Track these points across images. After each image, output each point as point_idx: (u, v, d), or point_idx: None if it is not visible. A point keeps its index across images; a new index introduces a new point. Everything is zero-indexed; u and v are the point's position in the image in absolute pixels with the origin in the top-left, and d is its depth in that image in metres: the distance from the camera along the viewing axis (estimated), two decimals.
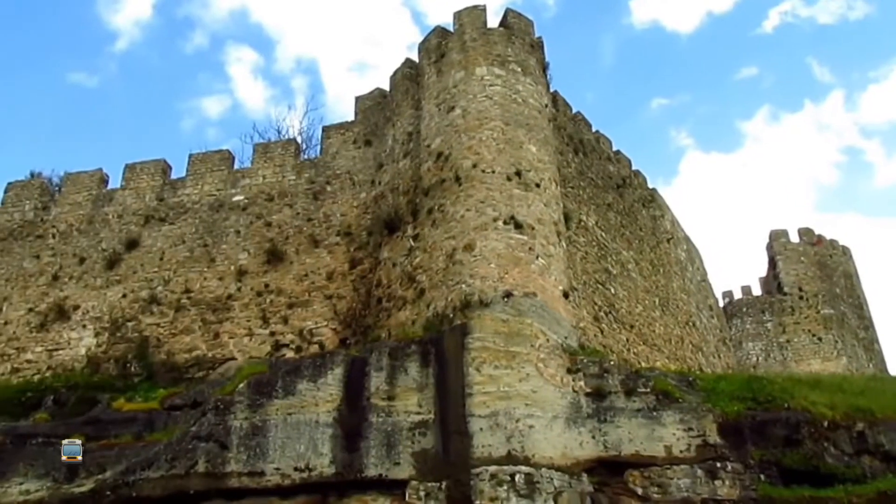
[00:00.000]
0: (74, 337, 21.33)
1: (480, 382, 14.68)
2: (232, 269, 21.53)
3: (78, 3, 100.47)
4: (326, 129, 24.18)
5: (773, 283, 43.63)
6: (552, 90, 22.82)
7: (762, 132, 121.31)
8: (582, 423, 14.55)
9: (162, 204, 23.43)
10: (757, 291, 44.07)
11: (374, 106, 23.76)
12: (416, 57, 22.51)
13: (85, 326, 21.45)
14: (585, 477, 13.94)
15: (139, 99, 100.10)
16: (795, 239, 44.20)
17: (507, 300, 15.93)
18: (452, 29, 21.31)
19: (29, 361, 21.07)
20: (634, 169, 28.21)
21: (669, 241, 28.96)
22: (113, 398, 18.08)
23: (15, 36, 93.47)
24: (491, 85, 19.73)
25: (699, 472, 13.84)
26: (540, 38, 22.03)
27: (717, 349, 30.23)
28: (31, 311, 22.03)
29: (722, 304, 39.53)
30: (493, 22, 21.27)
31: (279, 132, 34.87)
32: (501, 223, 17.33)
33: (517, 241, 17.19)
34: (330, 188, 22.43)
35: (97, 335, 21.19)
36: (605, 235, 23.63)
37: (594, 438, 14.37)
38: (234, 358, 19.81)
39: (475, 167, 18.27)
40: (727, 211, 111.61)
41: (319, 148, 24.31)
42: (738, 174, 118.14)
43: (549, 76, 22.01)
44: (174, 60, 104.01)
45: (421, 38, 22.71)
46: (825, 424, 14.58)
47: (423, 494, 13.66)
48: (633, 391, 14.88)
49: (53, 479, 14.95)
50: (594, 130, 26.46)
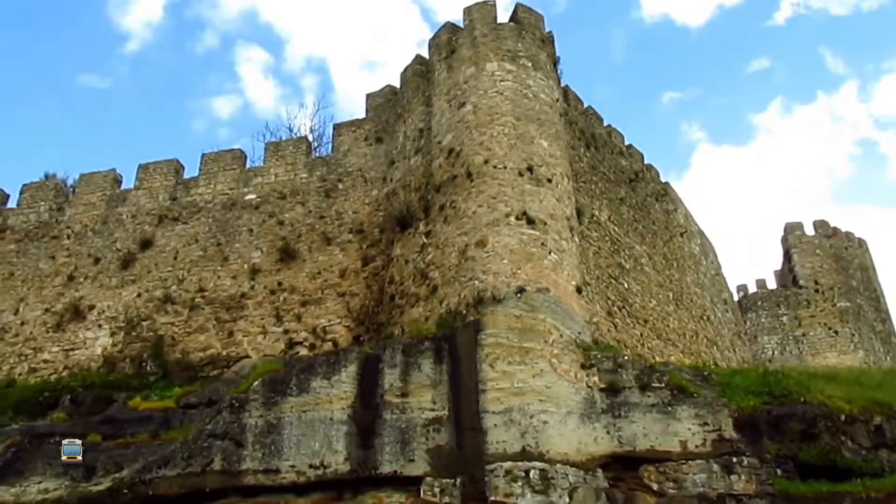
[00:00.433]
0: (90, 337, 21.50)
1: (494, 378, 14.66)
2: (245, 267, 21.62)
3: (88, 5, 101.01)
4: (338, 126, 24.19)
5: (788, 276, 43.38)
6: (563, 85, 22.72)
7: (775, 124, 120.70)
8: (596, 418, 14.49)
9: (175, 203, 23.55)
10: (772, 285, 43.84)
11: (384, 103, 23.75)
12: (426, 53, 22.47)
13: (100, 326, 21.60)
14: (600, 472, 13.90)
15: (151, 100, 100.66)
16: (811, 231, 43.92)
17: (519, 296, 15.88)
18: (462, 25, 21.25)
19: (46, 361, 21.26)
20: (647, 163, 28.03)
21: (683, 234, 28.81)
22: (129, 397, 18.20)
23: (27, 40, 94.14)
24: (502, 80, 19.66)
25: (715, 466, 13.74)
26: (550, 32, 21.93)
27: (731, 343, 30.08)
28: (47, 311, 22.22)
29: (737, 297, 39.32)
30: (503, 17, 21.20)
31: (291, 131, 34.95)
32: (513, 219, 17.27)
33: (529, 236, 17.14)
34: (342, 186, 22.46)
35: (113, 335, 21.34)
36: (617, 230, 23.53)
37: (609, 434, 14.31)
38: (248, 356, 19.88)
39: (487, 163, 18.23)
40: (741, 204, 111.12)
41: (331, 146, 24.34)
42: (751, 167, 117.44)
43: (559, 71, 21.92)
44: (185, 61, 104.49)
45: (430, 35, 22.66)
46: (842, 418, 14.39)
47: (437, 491, 13.65)
48: (647, 386, 14.80)
49: (71, 477, 15.06)
50: (606, 125, 26.32)
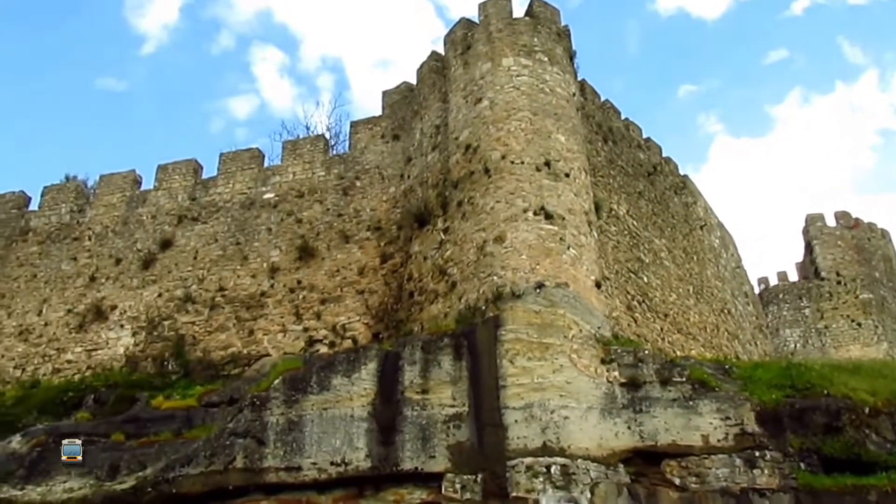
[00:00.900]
0: (112, 337, 21.68)
1: (514, 374, 14.63)
2: (264, 266, 21.70)
3: (105, 9, 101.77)
4: (354, 124, 24.21)
5: (809, 268, 43.00)
6: (580, 79, 22.59)
7: (794, 115, 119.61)
8: (617, 413, 14.44)
9: (194, 203, 23.68)
10: (793, 277, 43.48)
11: (401, 100, 23.74)
12: (441, 50, 22.44)
13: (122, 326, 21.78)
14: (622, 468, 13.85)
15: (168, 101, 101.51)
16: (832, 222, 43.51)
17: (539, 291, 15.84)
18: (478, 20, 21.20)
19: (69, 362, 21.46)
20: (665, 156, 27.86)
21: (702, 227, 28.61)
22: (151, 396, 18.30)
23: (44, 43, 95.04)
24: (518, 75, 19.59)
25: (737, 461, 13.65)
26: (566, 26, 21.80)
27: (753, 337, 29.86)
28: (69, 312, 22.43)
29: (758, 290, 39.04)
30: (518, 12, 21.09)
31: (308, 129, 34.98)
32: (531, 214, 17.22)
33: (548, 231, 17.08)
34: (359, 183, 22.48)
35: (134, 334, 21.51)
36: (636, 224, 23.40)
37: (630, 429, 14.26)
38: (268, 354, 19.94)
39: (504, 158, 18.18)
40: (761, 196, 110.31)
41: (348, 143, 24.40)
42: (770, 159, 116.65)
43: (576, 65, 21.78)
44: (201, 62, 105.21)
45: (444, 31, 22.64)
46: (866, 411, 14.23)
47: (458, 487, 13.66)
48: (668, 380, 14.73)
49: (96, 476, 15.18)
50: (623, 118, 26.18)
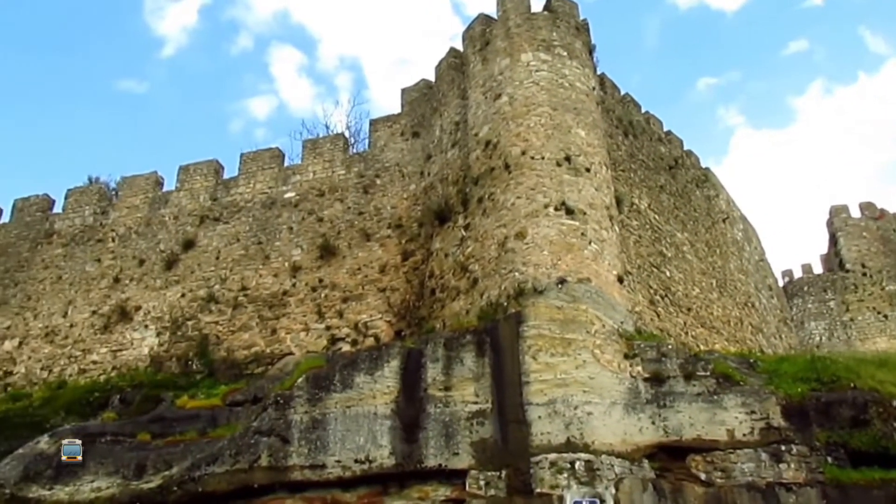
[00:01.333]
0: (137, 337, 21.90)
1: (537, 370, 14.59)
2: (286, 265, 21.81)
3: (125, 12, 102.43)
4: (374, 122, 24.26)
5: (834, 260, 42.54)
6: (599, 73, 22.50)
7: (815, 107, 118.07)
8: (641, 408, 14.36)
9: (216, 203, 23.84)
10: (818, 269, 43.04)
11: (420, 97, 23.74)
12: (459, 46, 22.41)
13: (147, 326, 21.99)
14: (646, 463, 13.76)
15: (188, 102, 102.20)
16: (856, 214, 43.00)
17: (560, 287, 15.79)
18: (496, 16, 21.15)
19: (95, 362, 21.71)
20: (686, 149, 27.67)
21: (725, 220, 28.39)
22: (176, 396, 18.44)
23: (66, 49, 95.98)
24: (537, 70, 19.53)
25: (763, 455, 13.53)
26: (585, 20, 21.70)
27: (777, 330, 29.59)
28: (94, 313, 22.68)
29: (782, 283, 38.68)
30: (536, 6, 21.05)
31: (328, 128, 35.09)
32: (552, 209, 17.16)
33: (569, 226, 17.01)
34: (379, 181, 22.52)
35: (159, 335, 21.71)
36: (658, 218, 23.26)
37: (654, 424, 14.18)
38: (291, 353, 20.04)
39: (524, 154, 18.13)
40: (784, 188, 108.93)
41: (367, 142, 24.44)
42: (792, 150, 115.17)
43: (595, 59, 21.71)
44: (220, 63, 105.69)
45: (462, 28, 22.60)
46: (894, 404, 14.06)
47: (483, 483, 13.63)
48: (692, 375, 14.64)
49: (123, 476, 15.28)
50: (644, 112, 26.02)
